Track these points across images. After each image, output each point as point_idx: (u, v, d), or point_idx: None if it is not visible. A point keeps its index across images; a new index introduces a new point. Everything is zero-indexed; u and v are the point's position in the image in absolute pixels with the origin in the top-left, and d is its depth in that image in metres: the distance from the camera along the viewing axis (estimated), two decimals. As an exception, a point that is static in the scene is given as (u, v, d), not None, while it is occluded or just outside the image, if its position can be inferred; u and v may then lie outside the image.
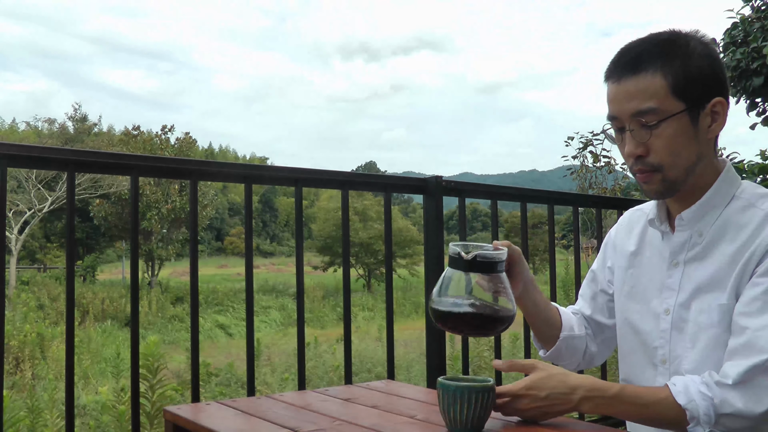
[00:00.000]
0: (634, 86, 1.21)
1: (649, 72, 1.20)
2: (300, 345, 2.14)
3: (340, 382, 6.92)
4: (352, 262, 27.49)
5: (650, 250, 1.39)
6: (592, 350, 1.53)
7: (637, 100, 1.21)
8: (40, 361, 10.48)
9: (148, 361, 3.91)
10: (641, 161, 1.24)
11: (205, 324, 18.73)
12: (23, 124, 53.96)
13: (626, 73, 1.23)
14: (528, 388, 1.16)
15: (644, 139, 1.22)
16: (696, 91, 1.21)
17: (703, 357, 1.23)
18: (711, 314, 1.23)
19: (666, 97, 1.20)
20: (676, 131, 1.21)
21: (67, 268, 1.83)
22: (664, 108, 1.20)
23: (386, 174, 6.82)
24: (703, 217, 1.27)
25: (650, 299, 1.36)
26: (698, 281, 1.26)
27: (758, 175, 4.39)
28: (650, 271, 1.38)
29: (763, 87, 4.96)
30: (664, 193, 1.27)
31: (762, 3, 5.03)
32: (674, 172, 1.23)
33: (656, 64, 1.20)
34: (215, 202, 27.10)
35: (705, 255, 1.26)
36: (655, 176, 1.24)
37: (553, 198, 2.77)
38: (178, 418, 1.33)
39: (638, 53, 1.23)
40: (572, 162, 9.24)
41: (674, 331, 1.29)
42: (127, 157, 1.93)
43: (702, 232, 1.27)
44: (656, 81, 1.20)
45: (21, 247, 24.84)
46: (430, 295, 1.25)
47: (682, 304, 1.28)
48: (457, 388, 1.10)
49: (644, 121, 1.21)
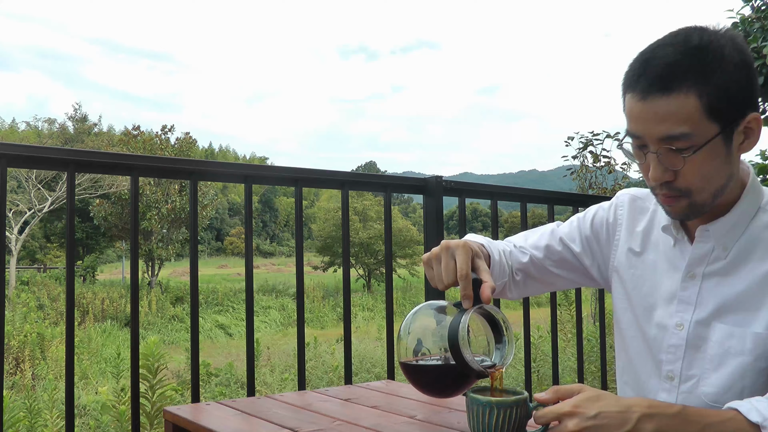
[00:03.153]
0: (665, 108, 1.06)
1: (683, 92, 1.05)
2: (300, 345, 2.14)
3: (339, 382, 6.92)
4: (352, 262, 27.49)
5: (655, 253, 1.31)
6: (508, 295, 1.46)
7: (668, 123, 1.06)
8: (40, 361, 10.47)
9: (148, 361, 3.91)
10: (667, 186, 1.13)
11: (204, 324, 18.71)
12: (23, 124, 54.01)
13: (654, 91, 1.07)
14: (575, 407, 0.97)
15: (675, 167, 1.09)
16: (732, 110, 1.07)
17: (730, 383, 1.16)
18: (743, 341, 1.15)
19: (701, 121, 1.06)
20: (709, 155, 1.08)
21: (67, 268, 1.83)
22: (698, 133, 1.06)
23: (386, 174, 6.82)
24: (730, 230, 1.18)
25: (653, 308, 1.28)
26: (722, 299, 1.18)
27: (758, 175, 4.39)
28: (654, 277, 1.29)
29: (763, 87, 4.95)
30: (689, 216, 1.17)
31: (762, 3, 5.03)
32: (703, 196, 1.13)
33: (689, 81, 1.05)
34: (215, 202, 27.05)
35: (729, 271, 1.18)
36: (681, 201, 1.14)
37: (553, 198, 2.77)
38: (178, 418, 1.33)
39: (668, 66, 1.07)
40: (572, 162, 9.25)
41: (689, 349, 1.21)
42: (127, 157, 1.93)
43: (726, 246, 1.18)
44: (690, 102, 1.05)
45: (21, 247, 24.83)
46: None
47: (700, 321, 1.20)
48: (488, 403, 1.01)
49: (675, 147, 1.07)
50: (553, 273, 1.46)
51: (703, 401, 1.20)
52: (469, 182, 2.51)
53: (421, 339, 1.18)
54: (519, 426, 1.02)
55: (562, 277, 1.47)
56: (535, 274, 1.46)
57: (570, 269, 1.46)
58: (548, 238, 1.46)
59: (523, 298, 1.58)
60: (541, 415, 0.98)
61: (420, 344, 1.17)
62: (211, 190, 26.15)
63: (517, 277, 1.45)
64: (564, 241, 1.45)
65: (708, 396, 1.19)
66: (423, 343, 1.17)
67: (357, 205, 29.14)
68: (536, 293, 1.52)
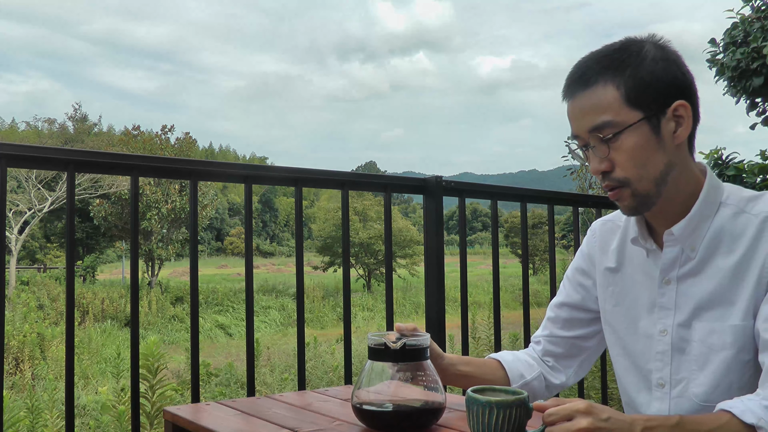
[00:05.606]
0: (588, 101, 1.17)
1: (599, 84, 1.16)
2: (300, 345, 2.14)
3: (339, 382, 6.92)
4: (352, 262, 27.49)
5: (631, 267, 1.33)
6: (555, 383, 1.46)
7: (591, 114, 1.17)
8: (40, 361, 10.47)
9: (148, 361, 3.91)
10: (608, 177, 1.19)
11: (204, 324, 18.71)
12: (23, 124, 54.01)
13: (578, 88, 1.18)
14: (590, 406, 0.99)
15: (605, 154, 1.17)
16: (652, 98, 1.15)
17: (716, 380, 1.18)
18: (723, 336, 1.17)
19: (620, 108, 1.14)
20: (636, 142, 1.15)
21: (67, 268, 1.83)
22: (619, 120, 1.14)
23: (386, 174, 6.81)
24: (694, 230, 1.20)
25: (637, 319, 1.30)
26: (697, 299, 1.21)
27: (758, 175, 4.39)
28: (634, 290, 1.32)
29: (763, 87, 4.95)
30: (638, 208, 1.21)
31: (762, 3, 5.02)
32: (643, 184, 1.17)
33: (606, 75, 1.16)
34: (215, 202, 27.06)
35: (700, 270, 1.21)
36: (624, 192, 1.19)
37: (553, 198, 2.77)
38: (178, 418, 1.33)
39: (588, 66, 1.19)
40: (572, 162, 9.24)
41: (675, 353, 1.23)
42: (127, 157, 1.93)
43: (694, 246, 1.21)
44: (608, 93, 1.15)
45: (21, 247, 24.82)
46: (354, 393, 1.19)
47: (681, 324, 1.22)
48: (488, 402, 1.01)
49: (602, 135, 1.16)
50: (571, 338, 1.47)
51: (694, 402, 1.21)
52: (469, 182, 2.51)
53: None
54: (519, 426, 1.02)
55: (584, 337, 1.47)
56: (559, 350, 1.47)
57: (584, 324, 1.46)
58: (549, 313, 1.50)
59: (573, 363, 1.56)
60: (552, 413, 0.99)
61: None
62: (211, 190, 26.16)
63: (548, 363, 1.47)
64: (564, 303, 1.47)
65: (698, 396, 1.20)
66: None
67: (357, 205, 29.13)
68: (584, 368, 1.51)
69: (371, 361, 1.18)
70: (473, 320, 7.32)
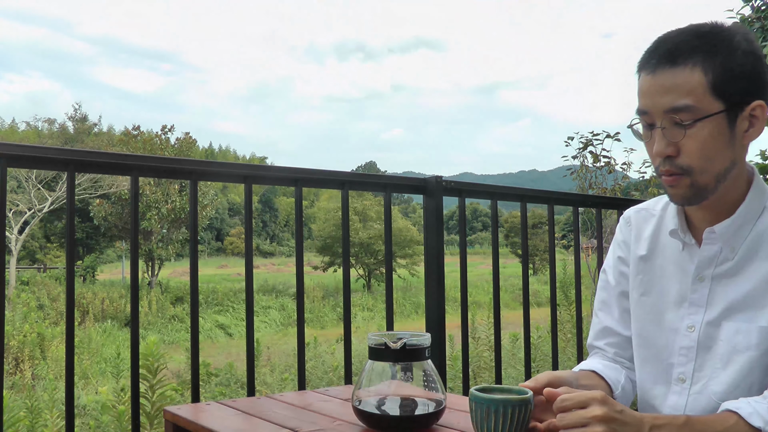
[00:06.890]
0: (671, 80, 1.11)
1: (688, 65, 1.10)
2: (300, 345, 2.14)
3: (339, 382, 6.91)
4: (352, 262, 27.49)
5: (662, 257, 1.31)
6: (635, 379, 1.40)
7: (672, 95, 1.11)
8: (40, 361, 10.47)
9: (148, 361, 3.91)
10: (670, 162, 1.14)
11: (204, 324, 18.72)
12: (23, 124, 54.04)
13: (663, 64, 1.12)
14: (607, 397, 0.98)
15: (676, 139, 1.12)
16: (737, 92, 1.11)
17: (737, 380, 1.17)
18: (749, 336, 1.16)
19: (704, 95, 1.10)
20: (711, 133, 1.11)
21: (67, 268, 1.83)
22: (701, 106, 1.10)
23: (386, 174, 6.82)
24: (737, 231, 1.19)
25: (663, 311, 1.29)
26: (730, 299, 1.20)
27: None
28: (663, 281, 1.30)
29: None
30: (690, 199, 1.17)
31: (762, 3, 5.03)
32: (704, 177, 1.14)
33: (696, 57, 1.10)
34: (215, 202, 27.05)
35: (737, 272, 1.20)
36: (683, 180, 1.15)
37: (553, 198, 2.77)
38: (178, 418, 1.33)
39: (677, 44, 1.13)
40: (572, 162, 9.23)
41: (701, 350, 1.22)
42: (127, 157, 1.93)
43: (734, 246, 1.19)
44: (695, 76, 1.10)
45: (21, 247, 24.83)
46: (354, 393, 1.19)
47: (710, 322, 1.21)
48: (491, 401, 1.00)
49: (678, 119, 1.11)
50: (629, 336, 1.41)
51: (712, 400, 1.21)
52: (469, 182, 2.51)
53: None
54: (523, 425, 1.02)
55: None
56: (629, 353, 1.40)
57: None
58: (603, 317, 1.43)
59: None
60: (567, 398, 0.99)
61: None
62: (211, 190, 26.15)
63: (625, 365, 1.41)
64: (618, 298, 1.40)
65: (717, 395, 1.19)
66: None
67: (357, 205, 29.14)
68: None
69: (371, 361, 1.18)
70: (473, 320, 7.32)
